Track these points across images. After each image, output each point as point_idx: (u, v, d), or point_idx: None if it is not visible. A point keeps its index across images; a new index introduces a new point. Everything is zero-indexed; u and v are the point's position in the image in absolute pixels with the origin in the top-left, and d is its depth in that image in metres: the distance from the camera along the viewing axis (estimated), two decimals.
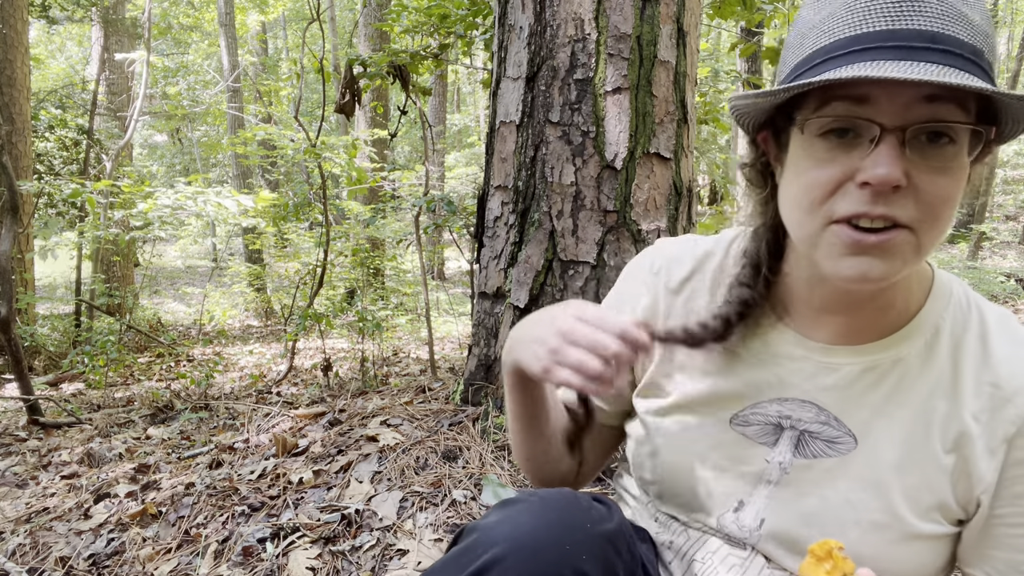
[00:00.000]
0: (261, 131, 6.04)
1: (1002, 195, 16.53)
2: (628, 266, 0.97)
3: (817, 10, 0.70)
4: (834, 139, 0.66)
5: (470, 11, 3.42)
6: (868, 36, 0.63)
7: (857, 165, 0.65)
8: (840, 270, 0.68)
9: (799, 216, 0.71)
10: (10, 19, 6.22)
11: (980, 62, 0.64)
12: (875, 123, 0.63)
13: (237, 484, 2.29)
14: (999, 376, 0.75)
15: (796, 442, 0.81)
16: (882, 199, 0.64)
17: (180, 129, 16.83)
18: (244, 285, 9.59)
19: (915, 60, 0.61)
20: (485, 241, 2.48)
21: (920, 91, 0.62)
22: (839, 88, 0.65)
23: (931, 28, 0.62)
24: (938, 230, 0.67)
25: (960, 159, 0.65)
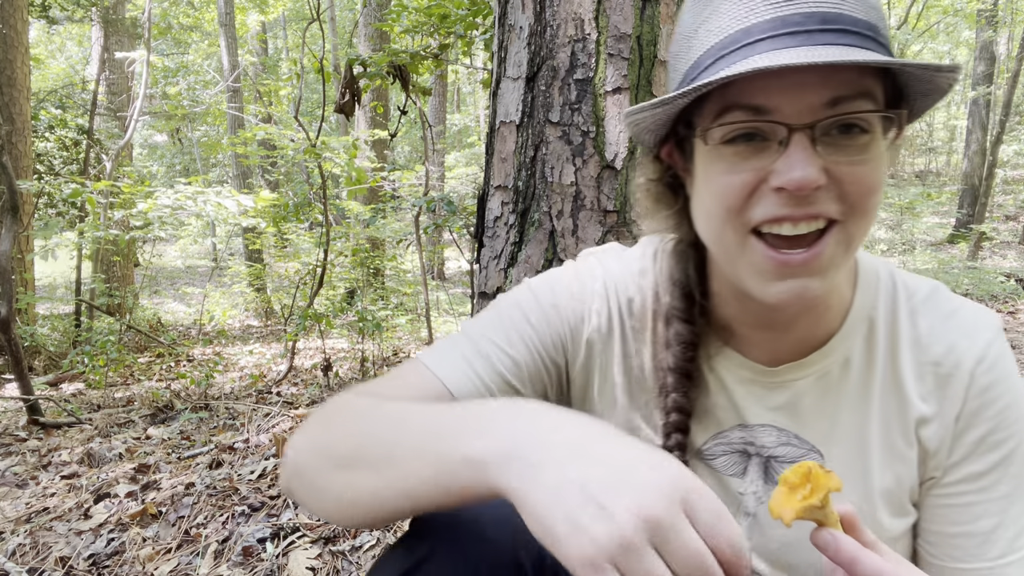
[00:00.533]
0: (261, 131, 6.05)
1: (1002, 195, 16.53)
2: (567, 277, 0.84)
3: (699, 11, 0.66)
4: (741, 144, 0.62)
5: (470, 11, 3.42)
6: (758, 27, 0.59)
7: (769, 168, 0.61)
8: (770, 294, 0.64)
9: (716, 227, 0.66)
10: (10, 19, 6.21)
11: (878, 37, 0.60)
12: (781, 124, 0.59)
13: (237, 484, 2.29)
14: (935, 354, 0.73)
15: (764, 469, 0.79)
16: (803, 200, 0.60)
17: (180, 129, 16.83)
18: (244, 285, 9.59)
19: (811, 44, 0.57)
20: (485, 241, 2.48)
21: (822, 95, 0.59)
22: (736, 96, 0.61)
23: (821, 9, 0.58)
24: (867, 221, 0.63)
25: (876, 147, 0.62)
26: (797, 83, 0.58)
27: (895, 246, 12.80)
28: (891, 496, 0.75)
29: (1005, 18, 14.33)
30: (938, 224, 14.45)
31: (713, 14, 0.63)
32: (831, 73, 0.58)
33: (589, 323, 0.81)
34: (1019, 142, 16.08)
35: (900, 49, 16.06)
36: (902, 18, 16.07)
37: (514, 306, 0.81)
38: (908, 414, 0.74)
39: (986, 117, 13.49)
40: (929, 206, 13.82)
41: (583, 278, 0.83)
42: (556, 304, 0.81)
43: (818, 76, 0.58)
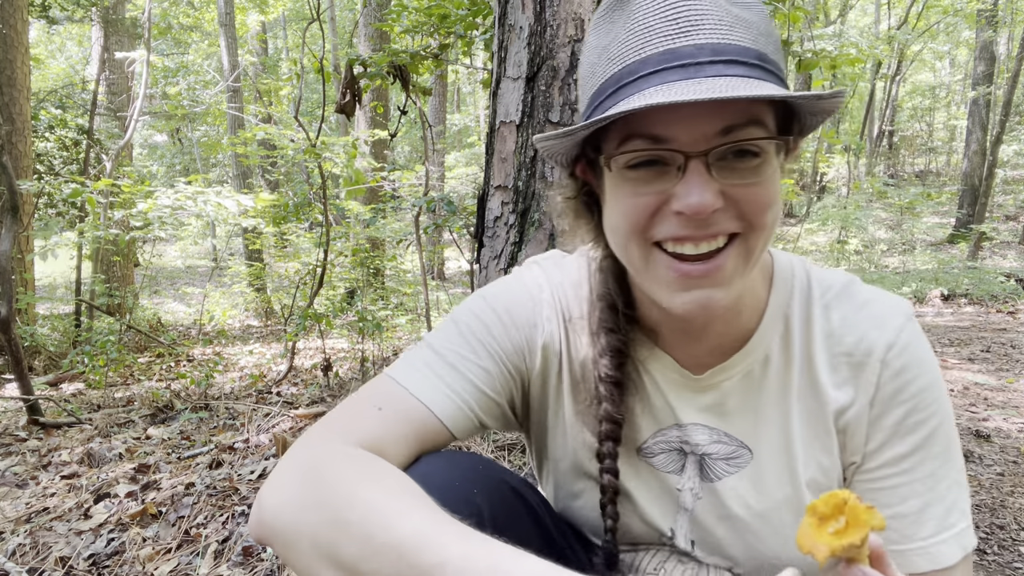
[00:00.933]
0: (261, 131, 6.05)
1: (1002, 195, 16.53)
2: (518, 286, 0.87)
3: (601, 36, 0.69)
4: (643, 169, 0.66)
5: (470, 11, 3.42)
6: (652, 59, 0.63)
7: (670, 191, 0.65)
8: (677, 305, 0.68)
9: (622, 243, 0.71)
10: (10, 19, 6.21)
11: (767, 65, 0.64)
12: (678, 152, 0.63)
13: (237, 484, 2.29)
14: (848, 344, 0.76)
15: (700, 466, 0.82)
16: (703, 222, 0.64)
17: (180, 129, 16.84)
18: (244, 285, 9.59)
19: (702, 76, 0.60)
20: (485, 241, 2.48)
21: (714, 124, 0.62)
22: (636, 125, 0.64)
23: (711, 40, 0.61)
24: (766, 233, 0.67)
25: (769, 167, 0.65)
26: (691, 114, 0.62)
27: (895, 246, 12.80)
28: (819, 486, 0.78)
29: (1005, 18, 14.33)
30: (938, 224, 14.45)
31: (613, 43, 0.67)
32: (722, 104, 0.62)
33: (542, 330, 0.84)
34: (1019, 142, 16.07)
35: (899, 49, 16.07)
36: (902, 18, 16.06)
37: (473, 318, 0.83)
38: (826, 405, 0.77)
39: (986, 117, 13.49)
40: (929, 206, 13.81)
41: (531, 288, 0.86)
42: (511, 312, 0.83)
43: (709, 107, 0.62)
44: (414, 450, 0.75)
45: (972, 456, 2.69)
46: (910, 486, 0.74)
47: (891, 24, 17.67)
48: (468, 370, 0.79)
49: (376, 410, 0.75)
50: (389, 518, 0.57)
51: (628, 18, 0.66)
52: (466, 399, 0.77)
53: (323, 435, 0.72)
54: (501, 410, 0.83)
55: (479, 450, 2.48)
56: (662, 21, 0.63)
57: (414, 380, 0.77)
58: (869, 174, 16.85)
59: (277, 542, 0.64)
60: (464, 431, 0.78)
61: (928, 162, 21.94)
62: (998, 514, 2.20)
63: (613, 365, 0.79)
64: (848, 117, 20.44)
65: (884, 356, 0.74)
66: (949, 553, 0.73)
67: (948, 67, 24.78)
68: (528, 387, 0.87)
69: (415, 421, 0.75)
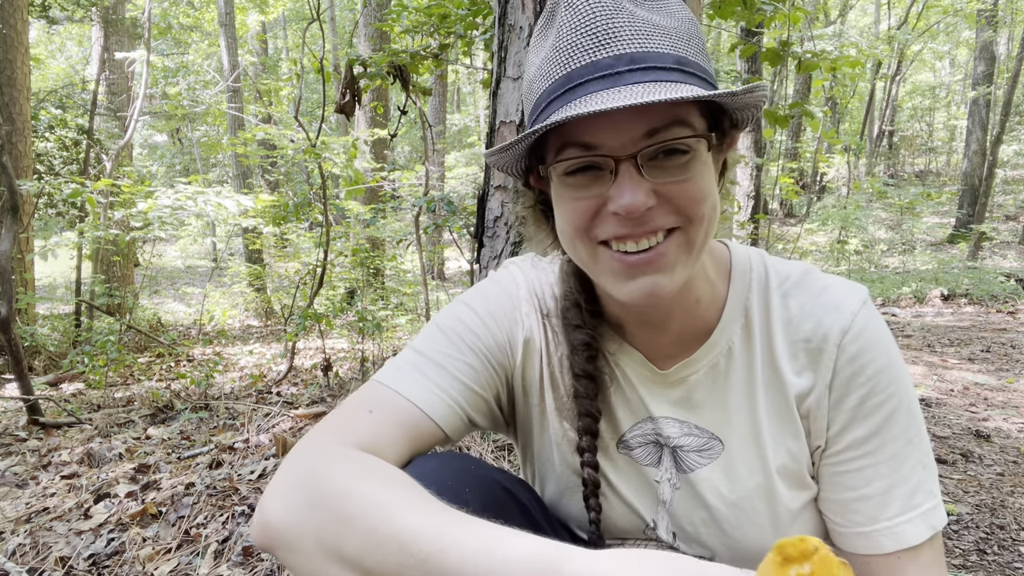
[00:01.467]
0: (261, 131, 6.05)
1: (1002, 195, 16.53)
2: (496, 287, 0.90)
3: (537, 52, 0.74)
4: (579, 175, 0.70)
5: (470, 11, 3.42)
6: (576, 72, 0.67)
7: (606, 194, 0.69)
8: (624, 294, 0.72)
9: (569, 243, 0.75)
10: (10, 19, 6.21)
11: (686, 68, 0.67)
12: (608, 156, 0.67)
13: (237, 484, 2.29)
14: (805, 331, 0.78)
15: (674, 458, 0.85)
16: (639, 220, 0.68)
17: (180, 129, 16.83)
18: (244, 285, 9.59)
19: (622, 84, 0.64)
20: (485, 241, 2.48)
21: (639, 128, 0.66)
22: (569, 134, 0.69)
23: (629, 50, 0.65)
24: (703, 225, 0.70)
25: (699, 162, 0.69)
26: (616, 120, 0.66)
27: (895, 246, 12.80)
28: (788, 472, 0.80)
29: (1005, 18, 14.33)
30: (938, 224, 14.45)
31: (545, 60, 0.71)
32: (644, 109, 0.65)
33: (523, 326, 0.87)
34: (1019, 142, 16.07)
35: (899, 49, 16.07)
36: (902, 18, 16.06)
37: (455, 320, 0.86)
38: (788, 392, 0.79)
39: (986, 117, 13.49)
40: (929, 206, 13.82)
41: (509, 287, 0.90)
42: (491, 311, 0.87)
43: (633, 112, 0.65)
44: (408, 449, 0.76)
45: (972, 456, 2.69)
46: (874, 468, 0.76)
47: (891, 24, 17.67)
48: (454, 367, 0.81)
49: (368, 413, 0.76)
50: (389, 510, 0.59)
51: (555, 34, 0.70)
52: (454, 396, 0.79)
53: (319, 439, 0.73)
54: (488, 406, 0.85)
55: (479, 450, 2.48)
56: (583, 36, 0.67)
57: (402, 381, 0.79)
58: (869, 174, 16.85)
59: (281, 546, 0.64)
60: (455, 429, 0.80)
61: (928, 162, 21.94)
62: (998, 514, 2.20)
63: (584, 359, 0.82)
64: (848, 117, 20.44)
65: (840, 341, 0.76)
66: (915, 532, 0.74)
67: (948, 67, 24.78)
68: (512, 383, 0.89)
69: (407, 421, 0.76)
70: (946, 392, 3.76)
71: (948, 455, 2.71)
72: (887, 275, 10.17)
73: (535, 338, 0.87)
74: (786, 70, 3.50)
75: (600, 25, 0.67)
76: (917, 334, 5.87)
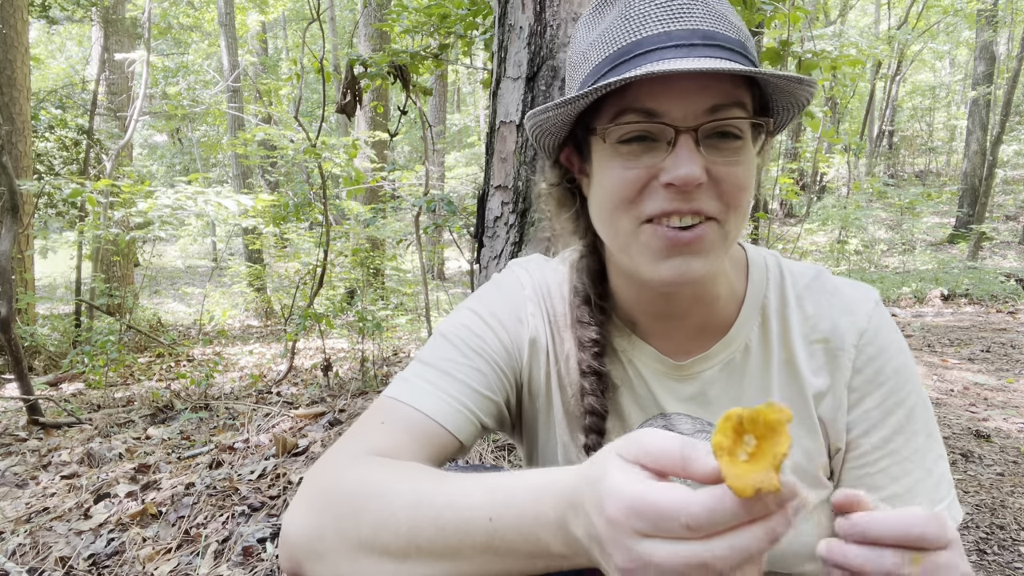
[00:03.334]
0: (261, 131, 6.04)
1: (1002, 195, 16.52)
2: (500, 289, 0.90)
3: (591, 28, 0.74)
4: (635, 144, 0.70)
5: (470, 11, 3.41)
6: (648, 40, 0.68)
7: (660, 165, 0.68)
8: (660, 273, 0.71)
9: (611, 217, 0.73)
10: (10, 19, 6.21)
11: (748, 55, 0.70)
12: (669, 126, 0.67)
13: (237, 484, 2.29)
14: (823, 331, 0.80)
15: None
16: (688, 196, 0.68)
17: (180, 129, 16.84)
18: (244, 285, 9.59)
19: (694, 56, 0.65)
20: (485, 241, 2.48)
21: (704, 102, 0.67)
22: (631, 99, 0.68)
23: (703, 27, 0.67)
24: (740, 217, 0.71)
25: (748, 151, 0.70)
26: (683, 90, 0.67)
27: (895, 246, 12.80)
28: (803, 471, 0.80)
29: (1005, 18, 14.33)
30: (938, 224, 14.45)
31: (606, 30, 0.71)
32: (711, 84, 0.67)
33: (528, 326, 0.87)
34: (1019, 142, 16.07)
35: (899, 49, 16.06)
36: (902, 18, 16.06)
37: (459, 327, 0.85)
38: (805, 390, 0.80)
39: (986, 117, 13.49)
40: (929, 206, 13.81)
41: (513, 288, 0.89)
42: (495, 314, 0.86)
43: (700, 85, 0.67)
44: (427, 458, 0.75)
45: (972, 456, 2.69)
46: (900, 465, 0.76)
47: (891, 24, 17.67)
48: (461, 373, 0.81)
49: (380, 424, 0.77)
50: (398, 485, 0.62)
51: (621, 8, 0.71)
52: (463, 401, 0.79)
53: (333, 454, 0.73)
54: (499, 409, 0.85)
55: (479, 450, 2.48)
56: (656, 8, 0.69)
57: (410, 393, 0.79)
58: (869, 174, 16.84)
59: (307, 556, 0.64)
60: (467, 434, 0.79)
61: (928, 162, 21.93)
62: (998, 514, 2.20)
63: (592, 356, 0.82)
64: (848, 117, 20.43)
65: (858, 342, 0.78)
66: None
67: (948, 67, 24.77)
68: (521, 384, 0.89)
69: (419, 430, 0.76)
70: (946, 392, 3.76)
71: (948, 455, 2.71)
72: (887, 275, 10.17)
73: (540, 338, 0.87)
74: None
75: (675, 1, 0.69)
76: (917, 334, 5.87)
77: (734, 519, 0.42)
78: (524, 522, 0.53)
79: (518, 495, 0.55)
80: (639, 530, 0.44)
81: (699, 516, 0.42)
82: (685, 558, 0.43)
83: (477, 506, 0.56)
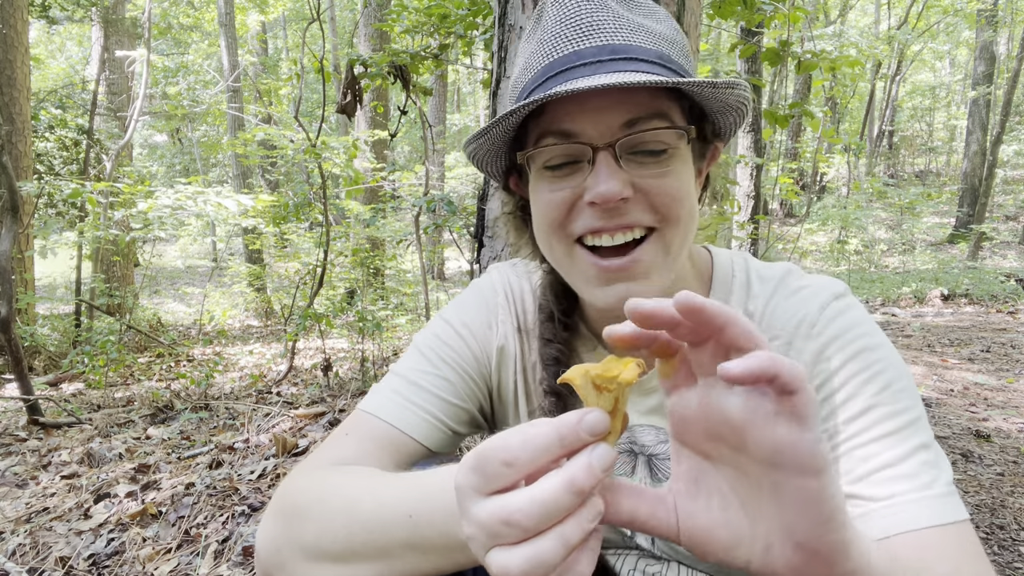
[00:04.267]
0: (261, 131, 6.04)
1: (1002, 195, 16.52)
2: (474, 296, 0.91)
3: (523, 51, 0.75)
4: (558, 169, 0.70)
5: (470, 11, 3.41)
6: (559, 61, 0.68)
7: (583, 185, 0.68)
8: (598, 299, 0.71)
9: (545, 240, 0.74)
10: (10, 19, 6.21)
11: (668, 64, 0.68)
12: (586, 145, 0.67)
13: (237, 484, 2.29)
14: (777, 327, 0.77)
15: (649, 466, 0.84)
16: (615, 212, 0.67)
17: (180, 129, 16.83)
18: (244, 285, 9.59)
19: (603, 72, 0.65)
20: (485, 241, 2.48)
21: (618, 118, 0.66)
22: (548, 123, 0.69)
23: (612, 41, 0.67)
24: (681, 227, 0.70)
25: (679, 160, 0.69)
26: (596, 108, 0.66)
27: (895, 246, 12.79)
28: None
29: (1005, 18, 14.32)
30: (938, 224, 14.44)
31: (530, 55, 0.72)
32: (625, 98, 0.66)
33: (496, 332, 0.87)
34: (1019, 142, 16.07)
35: (899, 49, 16.06)
36: (902, 18, 16.05)
37: (431, 337, 0.87)
38: None
39: (986, 117, 13.48)
40: (929, 206, 13.81)
41: (486, 294, 0.90)
42: (466, 323, 0.87)
43: (613, 101, 0.66)
44: (392, 463, 0.77)
45: (972, 456, 2.69)
46: (864, 448, 0.68)
47: (891, 24, 17.66)
48: (429, 383, 0.82)
49: (345, 436, 0.79)
50: (337, 490, 0.63)
51: (541, 31, 0.72)
52: (430, 411, 0.81)
53: (297, 468, 0.76)
54: (470, 416, 0.86)
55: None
56: (567, 28, 0.68)
57: (378, 404, 0.81)
58: (869, 174, 16.84)
59: (274, 567, 0.67)
60: (437, 442, 0.81)
61: (928, 162, 21.92)
62: (998, 514, 2.20)
63: (550, 375, 0.82)
64: (848, 117, 20.42)
65: (809, 331, 0.74)
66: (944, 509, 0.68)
67: (948, 67, 24.77)
68: (491, 389, 0.90)
69: (382, 439, 0.78)
70: (946, 392, 3.76)
71: (948, 455, 2.71)
72: (887, 275, 10.17)
73: (509, 345, 0.87)
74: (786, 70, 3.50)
75: (584, 18, 0.68)
76: (917, 334, 5.87)
77: (547, 451, 0.40)
78: (436, 516, 0.54)
79: (433, 490, 0.55)
80: (474, 486, 0.42)
81: (514, 447, 0.40)
82: (508, 510, 0.39)
83: (399, 505, 0.57)
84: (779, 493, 0.40)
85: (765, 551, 0.42)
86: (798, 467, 0.39)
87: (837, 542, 0.41)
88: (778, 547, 0.42)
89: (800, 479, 0.39)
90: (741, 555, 0.43)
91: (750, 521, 0.43)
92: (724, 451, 0.44)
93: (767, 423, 0.39)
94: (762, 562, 0.43)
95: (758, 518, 0.43)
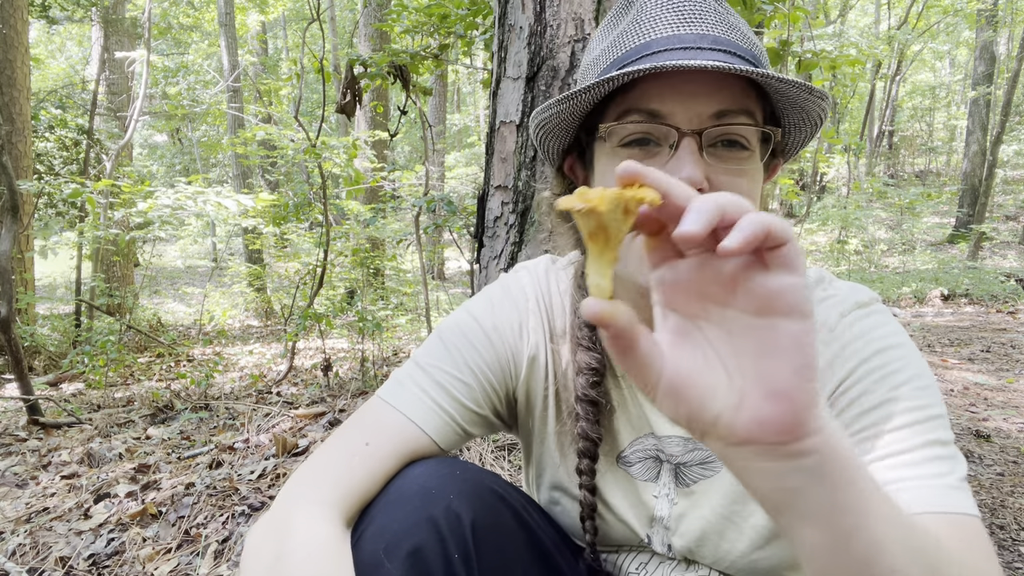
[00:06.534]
0: (261, 131, 6.04)
1: (1002, 195, 16.52)
2: (503, 296, 0.87)
3: (605, 35, 0.74)
4: (636, 148, 0.68)
5: (470, 11, 3.41)
6: (657, 42, 0.67)
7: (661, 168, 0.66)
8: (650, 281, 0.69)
9: None
10: (10, 19, 6.21)
11: (759, 65, 0.68)
12: (673, 127, 0.65)
13: (237, 484, 2.29)
14: None
15: (675, 474, 0.83)
16: None
17: (180, 129, 16.84)
18: (244, 285, 9.59)
19: (702, 58, 0.63)
20: (485, 241, 2.48)
21: (710, 106, 0.65)
22: (635, 100, 0.67)
23: (713, 32, 0.66)
24: None
25: (754, 162, 0.68)
26: (689, 93, 0.65)
27: (895, 246, 12.79)
28: None
29: (1005, 18, 14.32)
30: (938, 224, 14.45)
31: (619, 35, 0.70)
32: (718, 88, 0.65)
33: (528, 341, 0.85)
34: (1019, 142, 16.07)
35: (899, 49, 16.05)
36: (902, 18, 16.05)
37: (458, 334, 0.84)
38: None
39: (986, 117, 13.48)
40: (929, 206, 13.81)
41: (517, 297, 0.87)
42: (496, 326, 0.85)
43: (707, 88, 0.65)
44: (396, 461, 0.75)
45: (972, 456, 2.69)
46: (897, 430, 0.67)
47: (891, 24, 17.66)
48: (453, 386, 0.81)
49: (364, 446, 0.75)
50: None
51: (634, 13, 0.70)
52: (451, 413, 0.80)
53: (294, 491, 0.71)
54: (485, 419, 0.85)
55: (479, 450, 2.48)
56: (667, 12, 0.68)
57: (403, 399, 0.79)
58: (869, 174, 16.84)
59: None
60: (450, 443, 0.81)
61: (928, 162, 21.93)
62: (998, 514, 2.20)
63: (588, 384, 0.80)
64: (848, 117, 20.42)
65: (828, 337, 0.73)
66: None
67: (948, 67, 24.77)
68: (514, 396, 0.88)
69: (402, 439, 0.76)
70: (946, 392, 3.76)
71: None
72: (887, 275, 10.17)
73: (540, 356, 0.85)
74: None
75: (687, 7, 0.68)
76: (917, 334, 5.87)
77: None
78: None
79: None
80: None
81: None
82: None
83: None
84: (763, 341, 0.42)
85: (737, 403, 0.43)
86: (787, 309, 0.41)
87: (812, 391, 0.42)
88: (751, 398, 0.42)
89: (787, 322, 0.41)
90: (714, 407, 0.43)
91: (727, 375, 0.44)
92: (711, 309, 0.45)
93: (759, 273, 0.41)
94: (731, 416, 0.43)
95: (735, 373, 0.44)
